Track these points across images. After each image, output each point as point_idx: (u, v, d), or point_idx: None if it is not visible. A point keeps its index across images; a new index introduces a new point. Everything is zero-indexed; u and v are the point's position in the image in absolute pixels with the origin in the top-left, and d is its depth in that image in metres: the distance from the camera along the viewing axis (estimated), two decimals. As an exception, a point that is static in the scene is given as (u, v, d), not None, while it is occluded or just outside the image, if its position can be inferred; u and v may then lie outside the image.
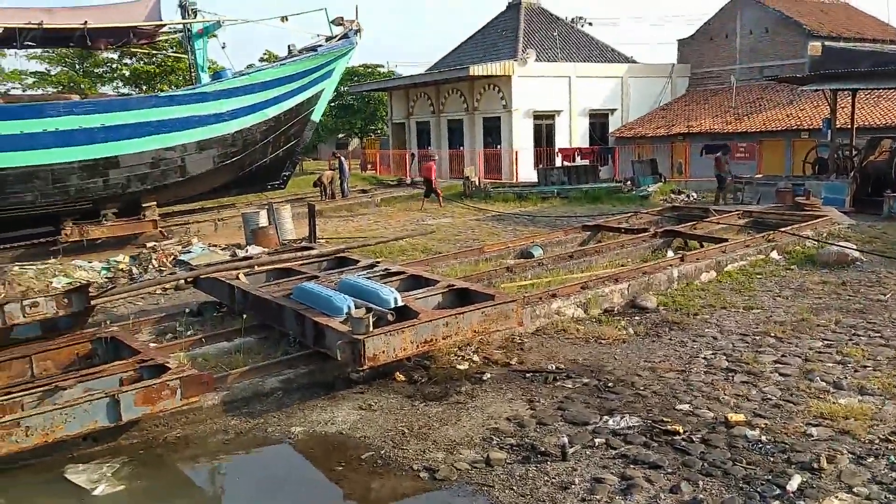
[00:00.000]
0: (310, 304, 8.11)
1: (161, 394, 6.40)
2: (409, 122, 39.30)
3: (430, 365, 8.08)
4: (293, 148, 23.46)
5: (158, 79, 38.51)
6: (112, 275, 14.83)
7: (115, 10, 21.27)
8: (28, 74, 39.84)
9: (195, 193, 22.23)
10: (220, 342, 8.84)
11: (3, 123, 17.98)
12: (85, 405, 6.10)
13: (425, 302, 8.18)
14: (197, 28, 21.57)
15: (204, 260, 14.36)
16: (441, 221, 20.27)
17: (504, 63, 31.70)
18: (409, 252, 15.08)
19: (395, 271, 9.65)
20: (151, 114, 19.77)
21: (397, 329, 7.14)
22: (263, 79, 21.83)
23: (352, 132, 53.26)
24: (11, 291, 12.81)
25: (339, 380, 7.72)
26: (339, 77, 24.25)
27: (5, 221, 18.75)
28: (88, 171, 19.00)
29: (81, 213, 19.32)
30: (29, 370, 7.81)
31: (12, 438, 5.76)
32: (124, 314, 10.92)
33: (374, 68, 53.11)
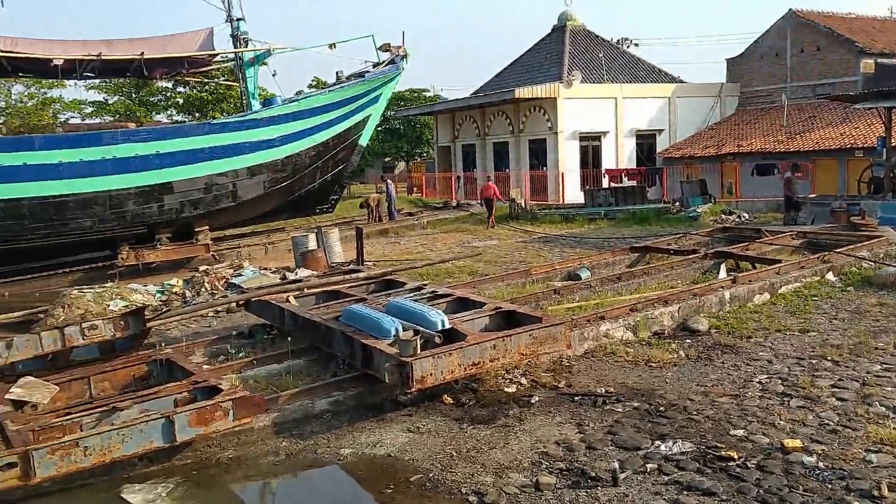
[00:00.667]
0: (358, 326, 8.18)
1: (214, 415, 6.51)
2: (455, 145, 39.55)
3: (477, 388, 8.07)
4: (341, 172, 23.81)
5: (211, 106, 39.55)
6: (166, 298, 15.18)
7: (171, 40, 21.99)
8: (87, 104, 41.39)
9: (246, 218, 22.72)
10: (271, 364, 8.97)
11: (64, 151, 18.72)
12: (141, 426, 6.24)
13: (472, 324, 8.19)
14: (248, 57, 22.15)
15: (255, 283, 14.60)
16: (487, 244, 20.28)
17: (549, 85, 31.75)
18: (455, 274, 15.12)
19: (442, 294, 9.67)
20: (204, 141, 20.35)
21: (445, 351, 7.15)
22: (312, 105, 22.27)
23: (398, 156, 53.84)
24: (71, 314, 13.21)
25: (387, 402, 7.76)
26: (385, 102, 24.59)
27: (65, 246, 19.41)
28: (144, 197, 19.60)
29: (137, 238, 19.91)
30: (88, 391, 8.03)
31: (71, 458, 5.91)
32: (178, 336, 11.15)
33: (420, 93, 53.68)
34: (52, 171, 18.47)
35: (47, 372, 8.28)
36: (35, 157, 18.37)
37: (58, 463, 5.83)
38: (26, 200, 18.31)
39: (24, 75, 25.00)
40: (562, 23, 37.77)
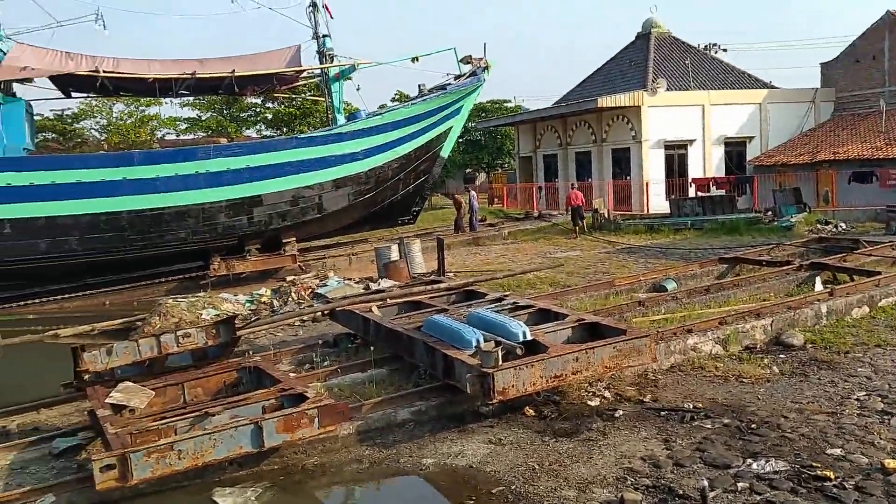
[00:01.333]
0: (439, 336, 8.22)
1: (300, 422, 6.65)
2: (536, 155, 39.36)
3: (560, 400, 7.97)
4: (423, 184, 24.07)
5: (298, 121, 40.68)
6: (255, 307, 15.65)
7: (260, 58, 22.77)
8: (182, 121, 43.21)
9: (331, 229, 23.23)
10: (355, 373, 9.12)
11: (161, 167, 19.63)
12: (231, 431, 6.43)
13: (554, 336, 8.10)
14: (334, 72, 22.72)
15: (339, 293, 14.89)
16: (569, 254, 20.06)
17: (634, 94, 31.22)
18: (537, 285, 15.01)
19: (523, 305, 9.62)
20: (292, 154, 20.97)
21: (526, 363, 7.10)
22: (395, 118, 22.62)
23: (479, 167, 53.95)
24: (166, 323, 13.78)
25: (468, 413, 7.75)
26: (467, 114, 24.74)
27: (161, 257, 20.32)
28: (235, 210, 20.33)
29: (228, 249, 20.63)
30: (182, 396, 8.34)
31: (166, 461, 6.15)
32: (266, 345, 11.47)
33: (502, 104, 53.70)
34: (150, 186, 19.40)
35: (144, 377, 8.65)
36: (134, 172, 19.34)
37: (153, 465, 6.07)
38: (125, 213, 19.28)
39: (124, 94, 26.35)
40: (646, 30, 37.13)
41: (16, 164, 18.91)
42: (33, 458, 7.49)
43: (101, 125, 40.10)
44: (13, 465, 7.35)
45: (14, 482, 6.91)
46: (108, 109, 39.41)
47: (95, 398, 7.79)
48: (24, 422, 8.94)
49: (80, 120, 39.17)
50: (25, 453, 7.64)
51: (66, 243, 19.01)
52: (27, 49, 20.25)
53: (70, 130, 38.76)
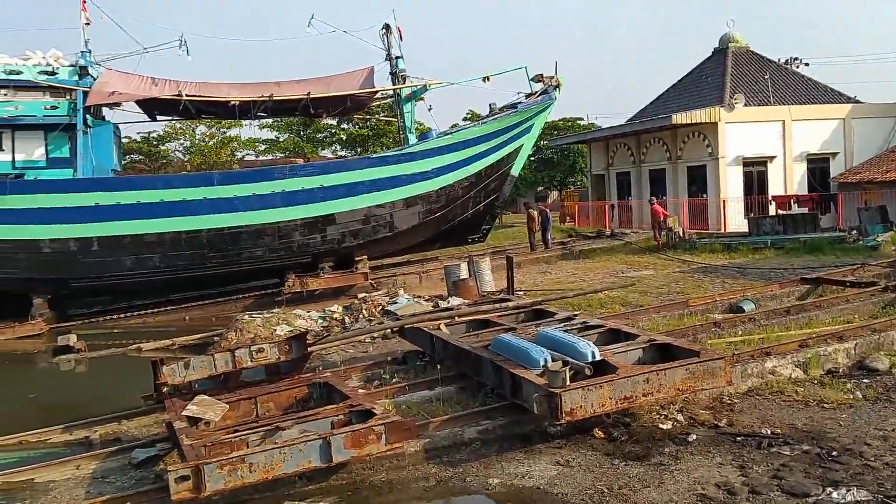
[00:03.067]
0: (507, 355, 8.18)
1: (368, 438, 6.71)
2: (609, 172, 38.89)
3: (630, 422, 7.80)
4: (493, 202, 24.10)
5: (371, 141, 41.39)
6: (327, 324, 15.92)
7: (334, 80, 23.33)
8: (261, 142, 44.55)
9: (402, 247, 23.49)
10: (423, 390, 9.15)
11: (239, 186, 20.31)
12: (301, 445, 6.54)
13: (625, 357, 7.95)
14: (405, 93, 23.06)
15: (409, 310, 15.00)
16: (642, 273, 19.68)
17: (710, 109, 30.53)
18: (607, 305, 14.77)
19: (593, 324, 9.48)
20: (364, 174, 21.38)
21: (595, 384, 6.99)
22: (465, 137, 22.78)
23: (551, 185, 53.64)
24: (242, 338, 14.16)
25: (535, 433, 7.67)
26: (538, 132, 24.70)
27: (239, 274, 20.94)
28: (309, 228, 20.82)
29: (302, 267, 21.10)
30: (254, 410, 8.54)
31: (238, 473, 6.28)
32: (337, 361, 11.63)
33: (574, 121, 53.36)
34: (228, 205, 20.08)
35: (220, 391, 8.90)
36: (213, 192, 20.06)
37: (226, 478, 6.22)
38: (205, 232, 19.98)
39: (206, 117, 27.39)
40: (723, 45, 36.34)
41: (104, 185, 19.87)
42: (114, 468, 7.78)
43: (184, 147, 41.75)
44: (95, 474, 7.66)
45: (95, 490, 7.19)
46: (191, 131, 40.99)
47: (173, 410, 8.06)
48: (106, 432, 9.31)
49: (165, 142, 40.87)
50: (107, 463, 7.95)
51: (150, 260, 19.82)
52: (115, 75, 21.31)
53: (155, 152, 40.48)
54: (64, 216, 19.03)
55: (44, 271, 19.27)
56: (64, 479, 7.61)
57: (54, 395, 13.71)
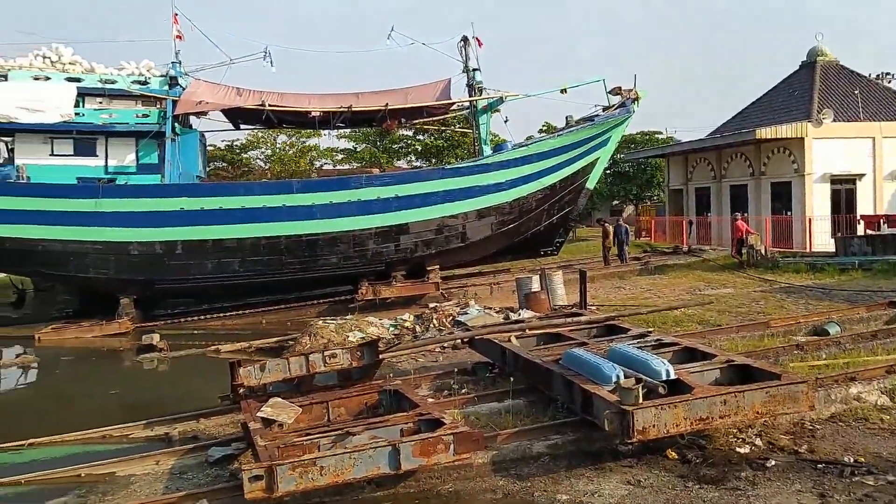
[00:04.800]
0: (578, 370, 8.08)
1: (436, 447, 6.73)
2: (688, 187, 38.02)
3: (705, 445, 7.57)
4: (567, 215, 23.91)
5: (446, 152, 41.67)
6: (398, 332, 16.06)
7: (411, 91, 23.62)
8: (338, 151, 45.45)
9: (474, 258, 23.53)
10: (492, 402, 9.13)
11: (317, 195, 20.78)
12: (370, 451, 6.61)
13: (701, 377, 7.74)
14: (482, 104, 23.14)
15: (479, 322, 15.00)
16: (721, 291, 19.13)
17: (796, 125, 29.51)
18: (683, 323, 14.41)
19: (668, 342, 9.28)
20: (438, 185, 21.54)
21: (669, 403, 6.82)
22: (541, 149, 22.70)
23: (626, 199, 52.82)
24: (315, 343, 14.44)
25: (606, 450, 7.53)
26: (614, 145, 24.40)
27: (314, 280, 21.40)
28: (383, 237, 21.10)
29: (375, 275, 21.39)
30: (326, 415, 8.68)
31: (309, 476, 6.39)
32: (407, 369, 11.73)
33: (652, 135, 52.46)
34: (306, 212, 20.56)
35: (293, 394, 9.09)
36: (292, 200, 20.58)
37: (297, 479, 6.33)
38: (284, 238, 20.50)
39: (287, 126, 28.11)
40: (811, 59, 35.13)
41: (189, 191, 20.64)
42: (191, 465, 8.05)
43: (265, 155, 42.98)
44: (173, 470, 7.93)
45: (173, 486, 7.44)
46: (272, 140, 42.18)
47: (248, 411, 8.27)
48: (185, 429, 9.64)
49: (247, 150, 42.18)
50: (184, 459, 8.22)
51: (231, 264, 20.45)
52: (202, 85, 22.13)
53: (238, 159, 41.80)
54: (151, 220, 19.85)
55: (131, 272, 20.13)
56: (144, 474, 7.91)
57: (137, 391, 14.27)
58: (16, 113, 19.74)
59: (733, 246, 24.84)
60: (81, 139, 20.67)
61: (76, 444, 9.57)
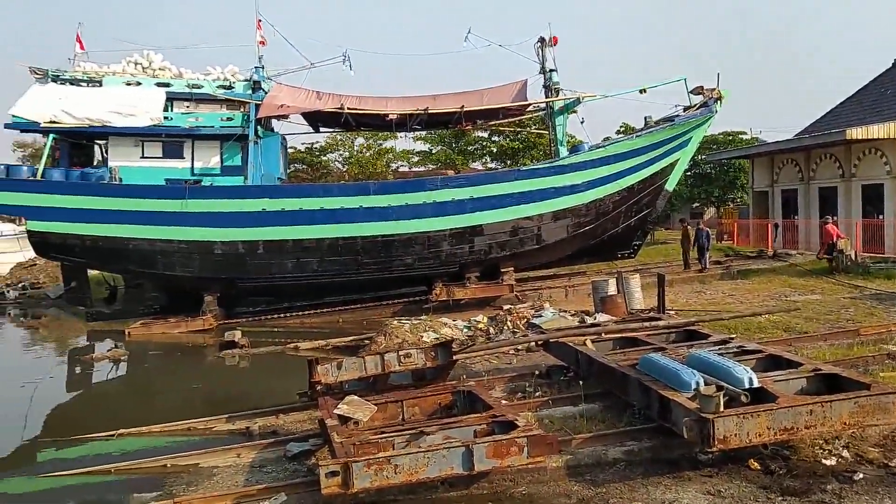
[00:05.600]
0: (656, 375, 7.92)
1: (510, 449, 6.71)
2: (773, 189, 36.73)
3: (789, 455, 7.31)
4: (645, 217, 23.45)
5: (521, 154, 41.47)
6: (472, 333, 16.08)
7: (487, 93, 23.61)
8: (414, 153, 45.86)
9: (548, 260, 23.34)
10: (566, 405, 9.05)
11: (393, 196, 21.02)
12: (444, 451, 6.65)
13: (786, 385, 7.48)
14: (558, 105, 22.93)
15: (554, 324, 14.88)
16: (808, 298, 18.41)
17: (889, 125, 28.13)
18: (768, 330, 13.93)
19: (751, 349, 9.01)
20: (513, 186, 21.46)
21: (752, 412, 6.63)
22: (618, 151, 22.34)
23: (708, 201, 51.41)
24: (390, 343, 14.61)
25: (684, 459, 7.36)
26: (695, 146, 23.78)
27: (389, 280, 21.67)
28: (457, 238, 21.18)
29: (449, 276, 21.48)
30: (401, 413, 8.78)
31: (384, 473, 6.48)
32: (480, 371, 11.74)
33: (736, 135, 50.88)
34: (383, 214, 20.82)
35: (368, 392, 9.23)
36: (369, 201, 20.88)
37: (372, 476, 6.43)
38: (360, 239, 20.82)
39: (365, 129, 28.53)
40: (906, 54, 33.47)
41: (270, 192, 21.20)
42: (270, 459, 8.27)
43: (343, 157, 43.74)
44: (253, 463, 8.17)
45: (253, 479, 7.67)
46: (350, 143, 42.89)
47: (325, 408, 8.44)
48: (265, 424, 9.92)
49: (326, 152, 43.02)
50: (265, 453, 8.47)
51: (309, 264, 20.91)
52: (284, 88, 22.70)
53: (317, 161, 42.68)
54: (234, 220, 20.48)
55: (215, 271, 20.82)
56: (226, 466, 8.18)
57: (219, 386, 14.75)
58: (109, 117, 20.70)
59: (822, 249, 23.85)
60: (170, 142, 21.52)
61: (162, 435, 9.98)
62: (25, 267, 35.56)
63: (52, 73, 21.32)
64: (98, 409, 13.06)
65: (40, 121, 20.54)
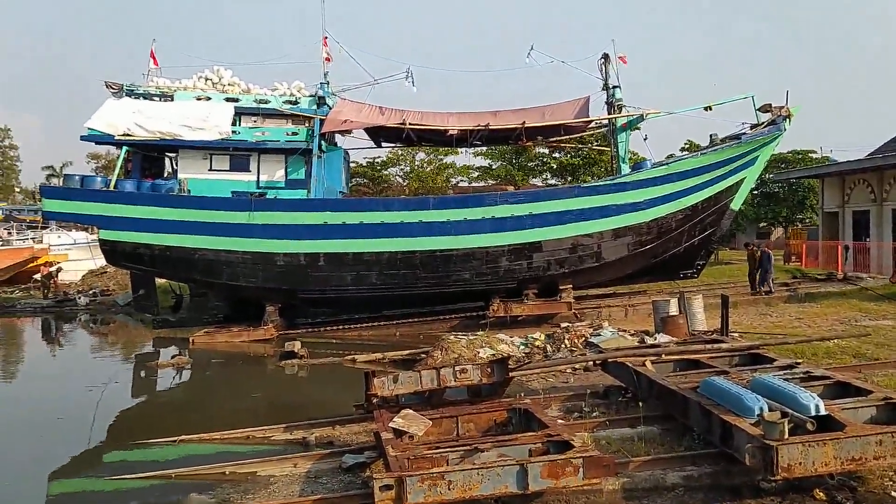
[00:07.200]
0: (717, 399, 7.73)
1: (565, 470, 6.63)
2: (844, 210, 35.56)
3: (857, 486, 7.02)
4: (709, 237, 22.95)
5: (582, 170, 41.15)
6: (529, 350, 15.98)
7: (549, 109, 23.55)
8: (474, 169, 45.99)
9: (608, 278, 23.03)
10: (623, 427, 8.89)
11: (452, 211, 21.09)
12: (498, 469, 6.60)
13: (854, 414, 7.21)
14: (621, 122, 22.70)
15: (613, 344, 14.66)
16: (880, 323, 17.70)
17: (970, 143, 27.00)
18: (836, 356, 13.44)
19: (818, 375, 8.71)
20: (573, 203, 21.29)
21: (818, 440, 6.40)
22: (681, 168, 21.96)
23: (775, 221, 50.04)
24: (447, 357, 14.62)
25: (746, 486, 7.15)
26: (762, 165, 23.20)
27: (447, 295, 21.72)
28: (515, 254, 21.11)
29: (507, 292, 21.40)
30: (455, 429, 8.77)
31: (437, 489, 6.47)
32: (537, 389, 11.64)
33: (806, 154, 49.46)
34: (442, 228, 20.91)
35: (423, 407, 9.25)
36: (428, 216, 21.00)
37: (426, 492, 6.43)
38: (419, 253, 20.94)
39: (426, 144, 28.76)
40: None
41: (332, 205, 21.54)
42: (326, 470, 8.36)
43: (404, 172, 44.16)
44: (309, 473, 8.27)
45: (308, 489, 7.75)
46: (411, 158, 43.30)
47: (380, 421, 8.49)
48: (321, 435, 10.03)
49: (387, 167, 43.52)
50: (321, 464, 8.56)
51: (368, 277, 21.13)
52: (347, 104, 23.09)
53: (378, 176, 43.20)
54: (297, 233, 20.88)
55: (277, 282, 21.23)
56: (283, 475, 8.30)
57: (278, 395, 14.99)
58: (180, 131, 21.40)
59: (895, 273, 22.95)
60: (237, 155, 22.11)
61: (222, 442, 10.19)
62: (97, 274, 37.02)
63: (126, 87, 22.18)
64: (161, 415, 13.41)
65: (114, 133, 21.36)
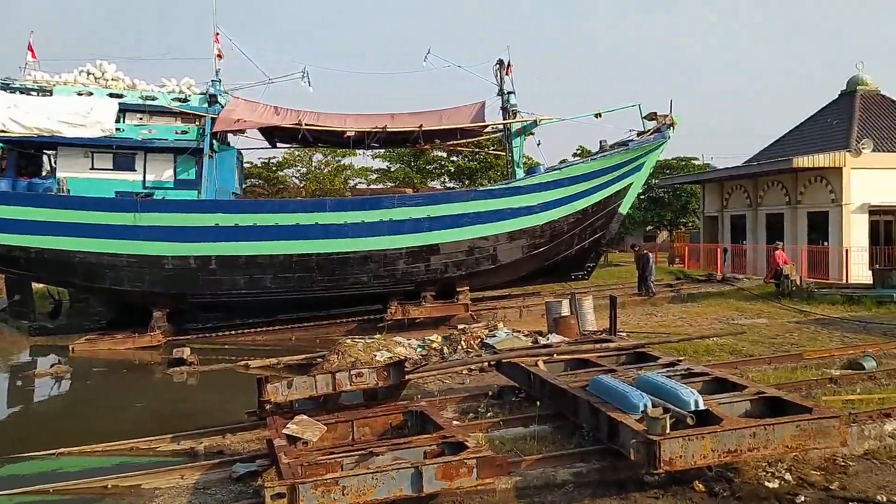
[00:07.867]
0: (605, 397, 7.99)
1: (459, 471, 6.67)
2: (723, 215, 37.62)
3: (733, 478, 7.43)
4: (599, 240, 23.77)
5: (479, 174, 41.78)
6: (426, 352, 16.05)
7: (446, 113, 23.79)
8: (373, 171, 45.87)
9: (504, 280, 23.47)
10: (517, 427, 9.06)
11: (349, 213, 20.93)
12: (393, 472, 6.57)
13: (730, 408, 7.61)
14: (515, 127, 23.18)
15: (507, 345, 14.93)
16: (755, 321, 18.83)
17: (834, 154, 29.09)
18: (715, 353, 14.20)
19: (697, 372, 9.15)
20: (470, 206, 21.57)
21: (697, 434, 6.72)
22: (573, 173, 22.65)
23: (661, 224, 52.39)
24: (343, 362, 14.48)
25: (631, 480, 7.42)
26: (649, 170, 24.23)
27: (344, 298, 21.51)
28: (413, 257, 21.16)
29: (405, 294, 21.43)
30: (350, 434, 8.68)
31: (331, 495, 6.37)
32: (433, 391, 11.70)
33: (688, 161, 52.06)
34: (339, 231, 20.70)
35: (318, 412, 9.11)
36: (325, 218, 20.75)
37: (319, 498, 6.31)
38: (315, 255, 20.65)
39: (322, 145, 28.41)
40: (851, 87, 34.65)
41: (224, 207, 20.92)
42: (215, 480, 8.09)
43: (301, 173, 43.48)
44: (197, 485, 7.98)
45: (196, 501, 7.48)
46: (307, 159, 42.67)
47: (273, 428, 8.30)
48: (210, 444, 9.71)
49: (283, 168, 42.71)
50: (210, 474, 8.27)
51: (262, 280, 20.65)
52: (241, 103, 22.50)
53: (274, 177, 42.34)
54: (186, 235, 20.14)
55: (165, 286, 20.41)
56: (168, 487, 7.97)
57: (166, 404, 14.41)
58: (59, 127, 20.22)
59: (769, 273, 24.49)
60: (121, 154, 21.11)
61: (104, 455, 9.69)
62: (-34, 278, 34.46)
63: (1, 81, 20.79)
64: (38, 427, 12.64)
65: (-14, 129, 19.98)
